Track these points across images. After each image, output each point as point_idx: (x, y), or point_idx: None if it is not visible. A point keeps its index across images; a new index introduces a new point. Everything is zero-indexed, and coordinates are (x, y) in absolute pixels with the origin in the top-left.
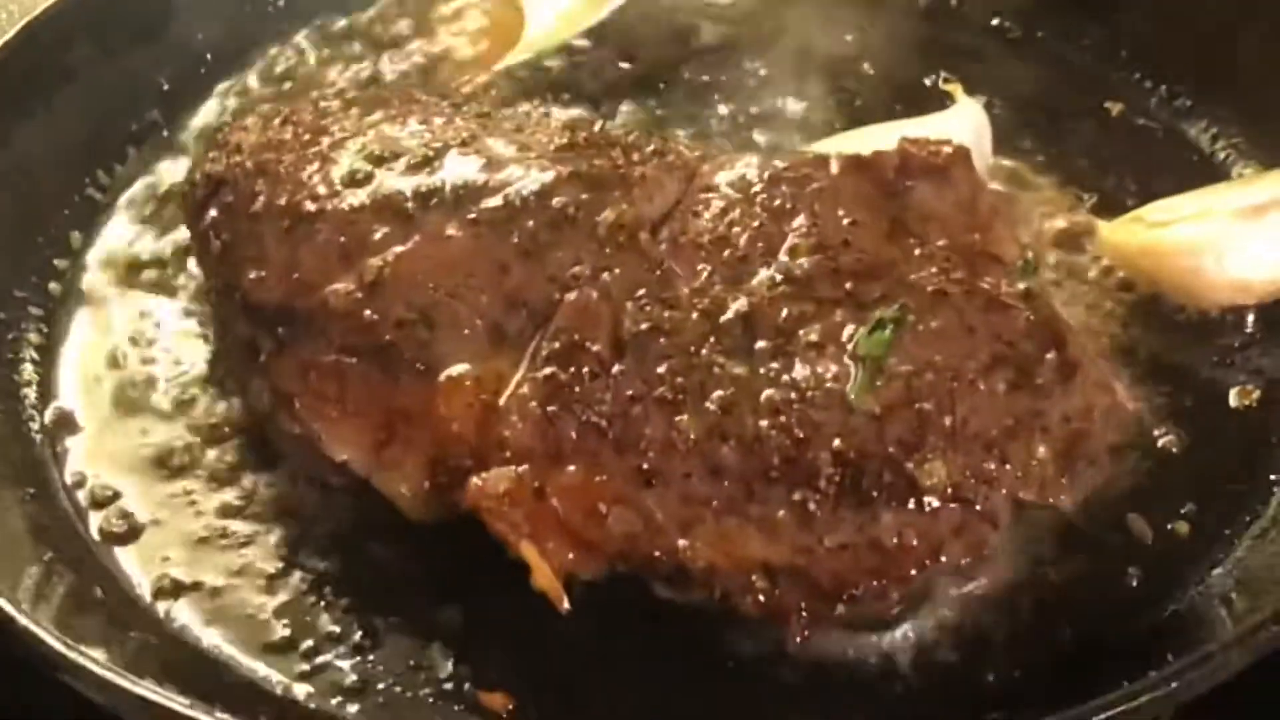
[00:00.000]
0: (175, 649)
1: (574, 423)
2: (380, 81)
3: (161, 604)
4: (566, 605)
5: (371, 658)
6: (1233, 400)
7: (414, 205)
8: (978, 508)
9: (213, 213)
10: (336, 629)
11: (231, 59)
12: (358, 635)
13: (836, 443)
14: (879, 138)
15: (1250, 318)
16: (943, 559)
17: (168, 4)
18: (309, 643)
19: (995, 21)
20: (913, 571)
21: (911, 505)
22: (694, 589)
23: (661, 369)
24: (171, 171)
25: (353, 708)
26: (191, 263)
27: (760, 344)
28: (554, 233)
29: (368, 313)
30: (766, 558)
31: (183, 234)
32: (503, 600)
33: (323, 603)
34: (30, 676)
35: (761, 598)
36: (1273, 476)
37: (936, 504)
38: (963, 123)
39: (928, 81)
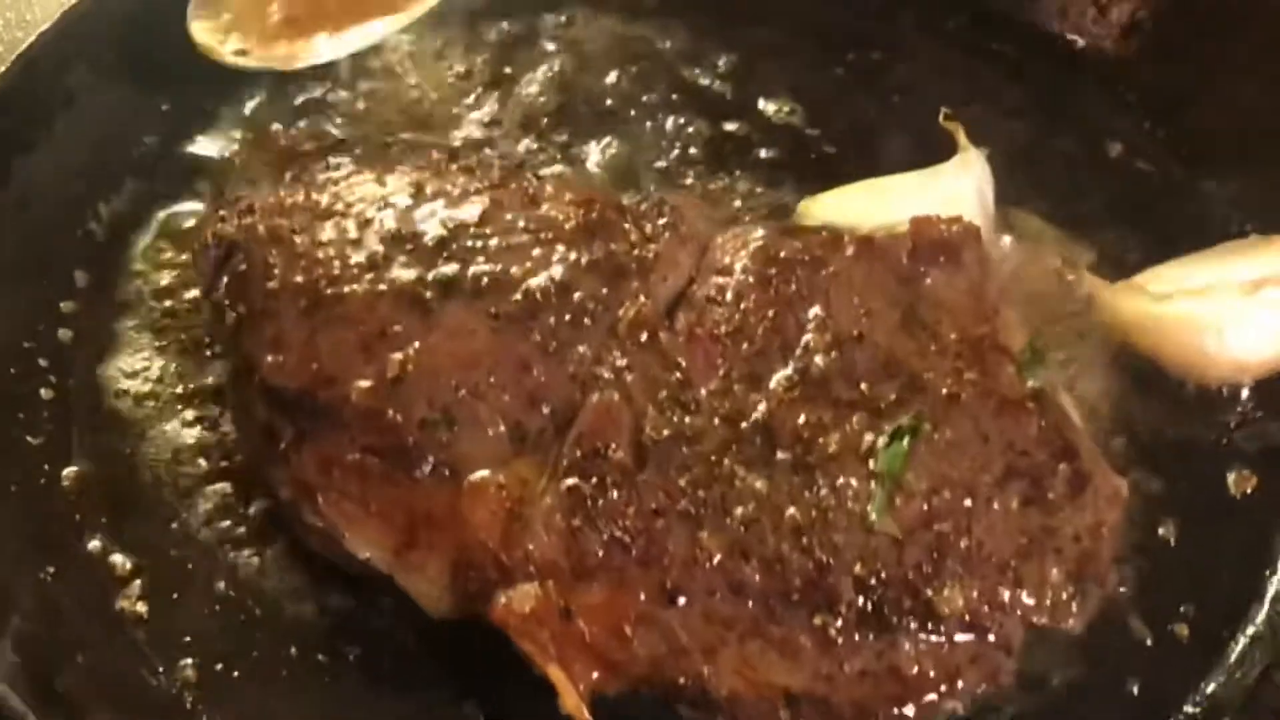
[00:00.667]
0: None
1: (598, 538)
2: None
3: (185, 695)
4: None
5: None
6: (1230, 486)
7: (433, 295)
8: (992, 637)
9: (226, 279)
10: None
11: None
12: None
13: (858, 568)
14: (883, 191)
15: (1245, 393)
16: (960, 686)
17: (165, 25)
18: None
19: (994, 46)
20: (931, 699)
21: (930, 633)
22: (718, 714)
23: (683, 480)
24: (176, 202)
25: None
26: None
27: (780, 455)
28: (574, 330)
29: (390, 412)
30: (788, 685)
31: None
32: (524, 699)
33: (347, 694)
34: None
35: None
36: (1267, 572)
37: (954, 632)
38: (966, 176)
39: (924, 106)
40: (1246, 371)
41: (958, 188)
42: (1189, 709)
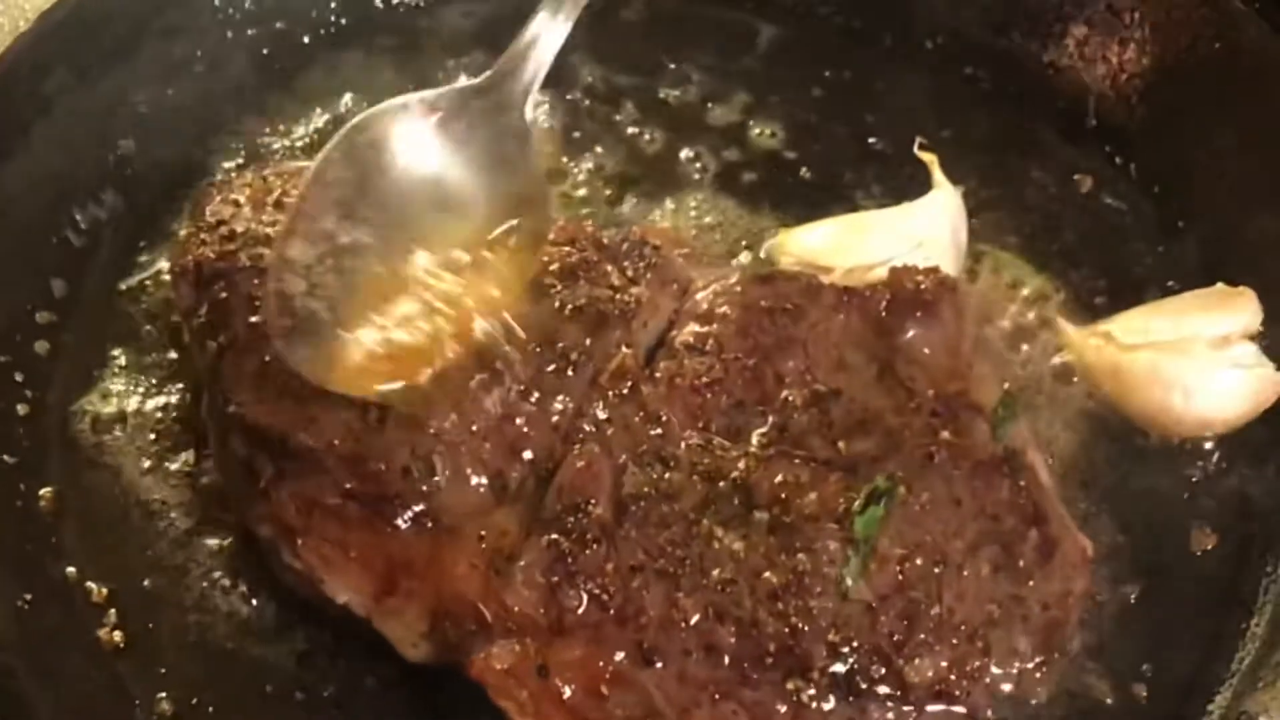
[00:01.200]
0: None
1: (577, 595)
2: None
3: None
4: None
5: None
6: (1192, 544)
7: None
8: (960, 707)
9: (205, 308)
10: None
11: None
12: None
13: (831, 634)
14: (859, 228)
15: (1208, 445)
16: None
17: (141, 28)
18: None
19: (969, 70)
20: None
21: (899, 702)
22: None
23: (662, 538)
24: (156, 211)
25: None
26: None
27: (757, 514)
28: (557, 379)
29: (373, 459)
30: None
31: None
32: None
33: None
34: None
35: None
36: (1225, 633)
37: (924, 701)
38: (941, 212)
39: (899, 131)
40: (1211, 428)
41: (932, 227)
42: None
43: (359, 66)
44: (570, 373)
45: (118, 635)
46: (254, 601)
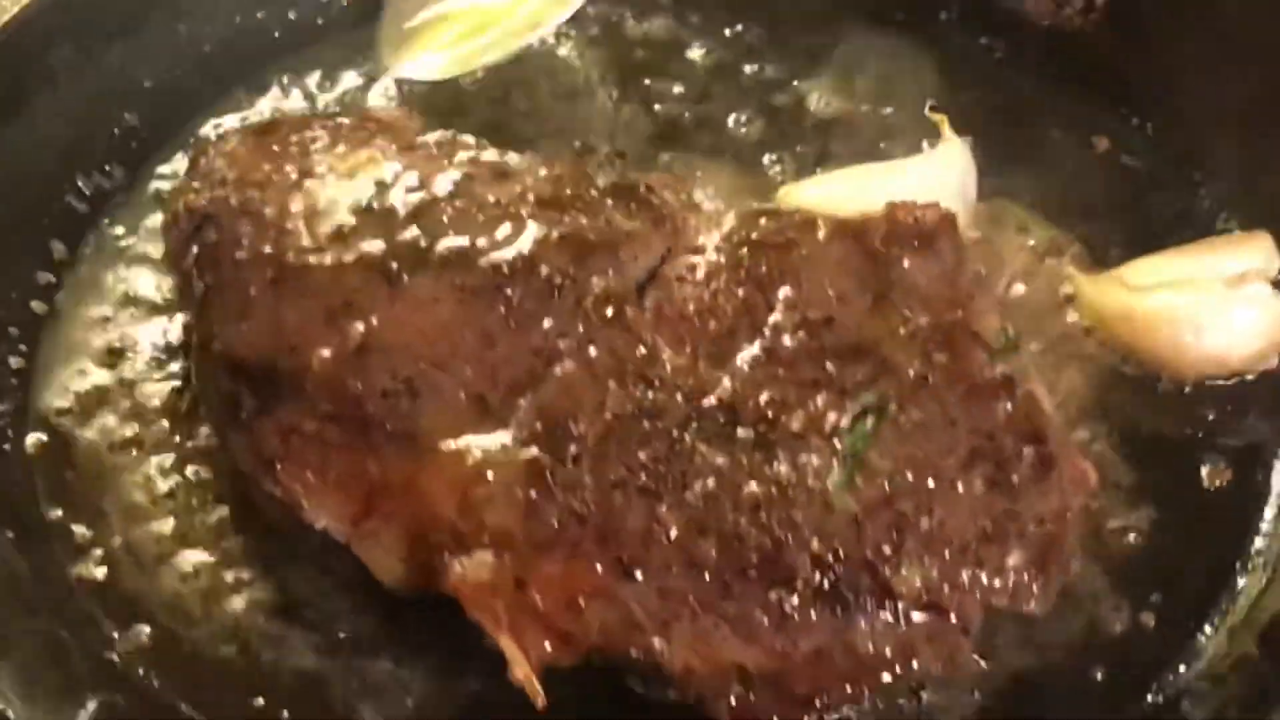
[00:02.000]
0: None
1: (555, 510)
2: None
3: (136, 665)
4: (543, 701)
5: None
6: (1204, 479)
7: (400, 266)
8: (952, 618)
9: (195, 250)
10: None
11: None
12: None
13: (815, 544)
14: (863, 179)
15: (1222, 388)
16: (915, 666)
17: (149, 4)
18: (286, 713)
19: (984, 41)
20: (885, 678)
21: (887, 611)
22: (670, 689)
23: (643, 454)
24: (155, 179)
25: None
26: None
27: (742, 432)
28: (540, 303)
29: (352, 382)
30: (742, 661)
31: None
32: (474, 677)
33: (298, 667)
34: None
35: (735, 703)
36: (1238, 564)
37: (911, 610)
38: (948, 164)
39: (912, 98)
40: (1224, 366)
41: (939, 177)
42: (1152, 698)
43: (369, 45)
44: (554, 298)
45: (98, 571)
46: (238, 543)
